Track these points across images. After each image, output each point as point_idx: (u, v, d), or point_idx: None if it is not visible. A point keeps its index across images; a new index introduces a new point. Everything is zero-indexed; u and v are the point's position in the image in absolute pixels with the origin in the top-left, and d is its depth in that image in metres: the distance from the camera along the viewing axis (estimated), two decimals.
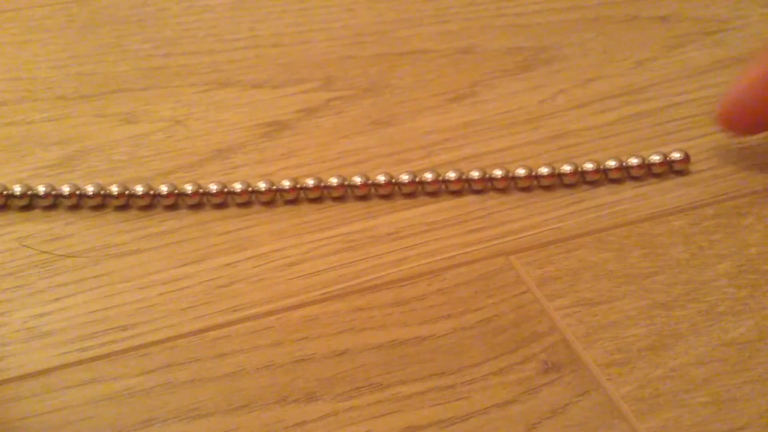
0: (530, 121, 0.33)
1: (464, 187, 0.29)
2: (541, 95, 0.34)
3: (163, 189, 0.29)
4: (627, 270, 0.26)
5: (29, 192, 0.29)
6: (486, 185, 0.29)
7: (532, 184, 0.29)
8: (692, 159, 0.30)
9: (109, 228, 0.28)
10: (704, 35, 0.38)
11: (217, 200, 0.29)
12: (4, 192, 0.29)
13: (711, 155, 0.31)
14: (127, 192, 0.29)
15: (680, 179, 0.30)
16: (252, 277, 0.27)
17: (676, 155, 0.30)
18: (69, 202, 0.29)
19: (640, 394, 0.23)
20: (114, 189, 0.29)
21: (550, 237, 0.28)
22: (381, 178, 0.29)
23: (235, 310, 0.25)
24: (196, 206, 0.29)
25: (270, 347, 0.24)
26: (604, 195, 0.29)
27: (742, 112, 0.29)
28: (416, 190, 0.29)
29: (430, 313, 0.25)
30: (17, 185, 0.29)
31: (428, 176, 0.29)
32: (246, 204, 0.29)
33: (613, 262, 0.27)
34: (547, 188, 0.29)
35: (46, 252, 0.27)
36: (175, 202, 0.29)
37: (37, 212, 0.29)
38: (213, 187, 0.29)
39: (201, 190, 0.29)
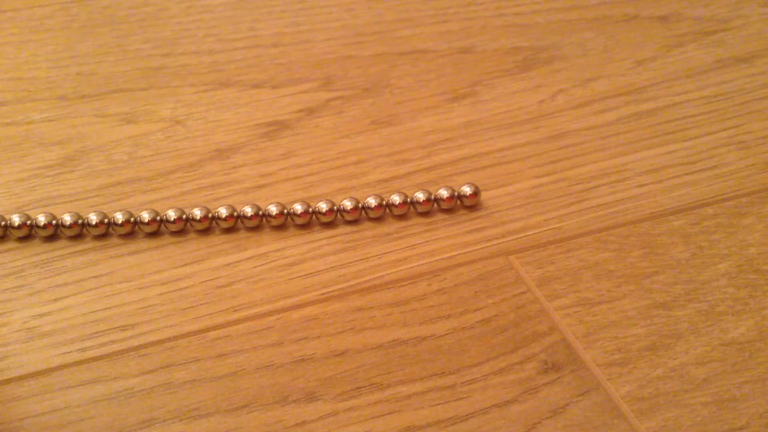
0: (530, 121, 0.33)
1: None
2: (541, 95, 0.34)
3: (145, 216, 0.27)
4: (627, 270, 0.26)
5: (28, 222, 0.27)
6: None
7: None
8: (691, 159, 0.30)
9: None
10: (704, 35, 0.38)
11: (201, 226, 0.28)
12: (2, 223, 0.27)
13: (712, 155, 0.31)
14: (132, 219, 0.27)
15: (686, 178, 0.30)
16: (252, 277, 0.27)
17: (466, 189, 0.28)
18: (70, 233, 0.28)
19: (640, 394, 0.23)
20: (119, 217, 0.27)
21: (549, 237, 0.28)
22: (348, 205, 0.28)
23: (235, 310, 0.25)
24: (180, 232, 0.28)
25: (270, 347, 0.24)
26: (604, 195, 0.29)
27: None
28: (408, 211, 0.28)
29: (430, 313, 0.25)
30: (16, 215, 0.27)
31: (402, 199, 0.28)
32: (232, 229, 0.28)
33: (613, 262, 0.27)
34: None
35: (46, 252, 0.27)
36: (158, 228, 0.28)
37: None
38: (197, 212, 0.27)
39: (184, 216, 0.27)
